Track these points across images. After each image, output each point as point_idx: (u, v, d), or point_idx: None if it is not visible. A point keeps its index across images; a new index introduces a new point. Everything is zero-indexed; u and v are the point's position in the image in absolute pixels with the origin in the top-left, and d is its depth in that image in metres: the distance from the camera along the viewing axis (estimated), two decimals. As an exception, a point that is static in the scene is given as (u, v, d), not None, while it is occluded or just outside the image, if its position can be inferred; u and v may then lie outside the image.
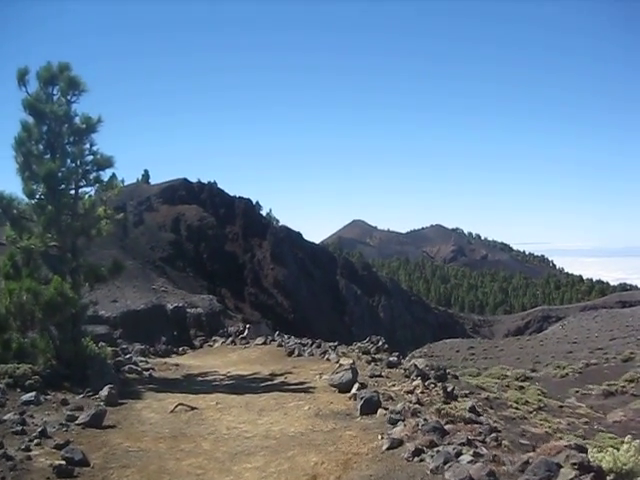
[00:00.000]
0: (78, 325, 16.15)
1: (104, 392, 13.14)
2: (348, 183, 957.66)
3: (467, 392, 15.25)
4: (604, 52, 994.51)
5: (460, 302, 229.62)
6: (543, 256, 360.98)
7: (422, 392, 12.34)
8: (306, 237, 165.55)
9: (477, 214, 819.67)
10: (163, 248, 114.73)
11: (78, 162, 16.50)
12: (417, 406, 10.90)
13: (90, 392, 13.68)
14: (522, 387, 21.77)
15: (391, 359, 18.12)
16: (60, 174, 15.84)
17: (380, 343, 23.37)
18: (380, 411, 11.06)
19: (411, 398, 11.76)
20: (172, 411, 12.73)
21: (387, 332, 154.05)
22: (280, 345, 24.43)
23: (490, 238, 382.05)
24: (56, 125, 16.09)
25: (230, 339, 29.62)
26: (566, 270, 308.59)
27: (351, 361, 15.37)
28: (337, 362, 16.59)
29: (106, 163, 16.75)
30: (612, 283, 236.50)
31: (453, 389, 13.31)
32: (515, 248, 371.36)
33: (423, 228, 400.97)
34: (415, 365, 14.75)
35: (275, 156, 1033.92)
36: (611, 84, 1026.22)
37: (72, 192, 16.55)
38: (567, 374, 28.02)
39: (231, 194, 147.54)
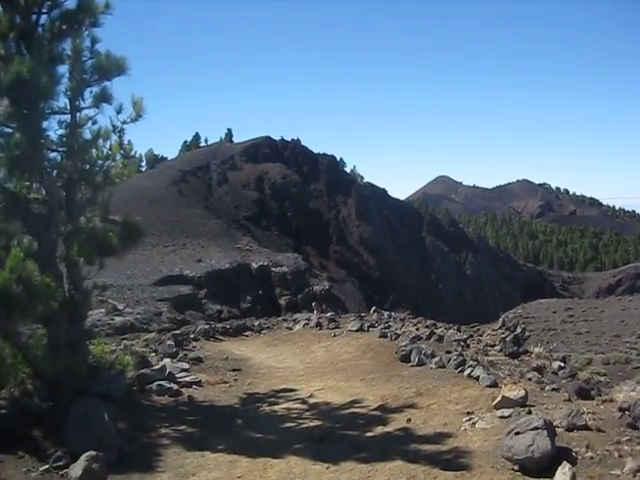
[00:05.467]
0: (78, 322, 10.22)
1: (77, 469, 7.06)
2: (433, 139, 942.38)
3: None
4: None
5: (549, 259, 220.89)
6: (634, 211, 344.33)
7: None
8: (391, 194, 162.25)
9: (565, 169, 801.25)
10: (247, 207, 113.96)
11: (71, 67, 10.27)
12: None
13: (61, 459, 7.70)
14: None
15: (570, 378, 11.90)
16: (39, 83, 9.25)
17: (519, 330, 16.90)
18: None
19: None
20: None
21: (474, 289, 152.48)
22: (384, 336, 17.77)
23: (579, 193, 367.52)
24: (34, 8, 10.03)
25: (314, 319, 23.66)
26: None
27: (523, 392, 8.86)
28: (491, 386, 10.27)
29: (114, 67, 10.37)
30: None
31: None
32: (605, 203, 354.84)
33: (509, 183, 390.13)
34: (641, 403, 8.30)
35: (359, 114, 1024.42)
36: None
37: (65, 117, 10.54)
38: None
39: (315, 151, 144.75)
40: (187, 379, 12.47)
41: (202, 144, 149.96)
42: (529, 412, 8.41)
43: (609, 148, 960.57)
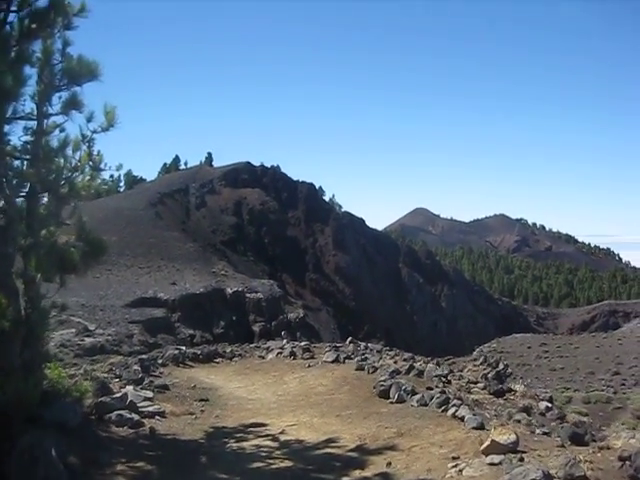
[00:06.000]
0: (34, 343, 9.35)
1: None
2: (411, 170, 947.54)
3: None
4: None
5: (524, 294, 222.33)
6: (609, 249, 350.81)
7: None
8: (369, 224, 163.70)
9: (542, 205, 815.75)
10: (224, 231, 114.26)
11: (40, 70, 9.37)
12: None
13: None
14: None
15: (559, 420, 11.24)
16: (4, 84, 8.37)
17: (501, 367, 16.21)
18: None
19: None
20: None
21: (448, 322, 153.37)
22: (361, 368, 16.79)
23: (555, 229, 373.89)
24: (2, 4, 9.16)
25: (288, 349, 22.74)
26: (633, 264, 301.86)
27: (514, 437, 8.13)
28: (478, 428, 9.46)
29: (85, 72, 9.45)
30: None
31: None
32: (580, 240, 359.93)
33: (487, 217, 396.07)
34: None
35: (338, 142, 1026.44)
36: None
37: (31, 123, 9.74)
38: None
39: (294, 178, 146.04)
40: (150, 409, 11.49)
41: (182, 167, 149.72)
42: (521, 459, 7.63)
43: (586, 186, 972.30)
